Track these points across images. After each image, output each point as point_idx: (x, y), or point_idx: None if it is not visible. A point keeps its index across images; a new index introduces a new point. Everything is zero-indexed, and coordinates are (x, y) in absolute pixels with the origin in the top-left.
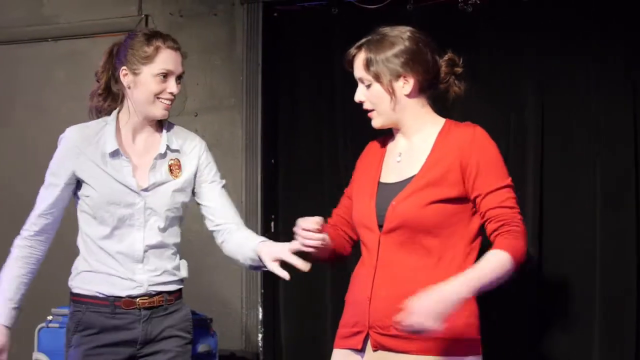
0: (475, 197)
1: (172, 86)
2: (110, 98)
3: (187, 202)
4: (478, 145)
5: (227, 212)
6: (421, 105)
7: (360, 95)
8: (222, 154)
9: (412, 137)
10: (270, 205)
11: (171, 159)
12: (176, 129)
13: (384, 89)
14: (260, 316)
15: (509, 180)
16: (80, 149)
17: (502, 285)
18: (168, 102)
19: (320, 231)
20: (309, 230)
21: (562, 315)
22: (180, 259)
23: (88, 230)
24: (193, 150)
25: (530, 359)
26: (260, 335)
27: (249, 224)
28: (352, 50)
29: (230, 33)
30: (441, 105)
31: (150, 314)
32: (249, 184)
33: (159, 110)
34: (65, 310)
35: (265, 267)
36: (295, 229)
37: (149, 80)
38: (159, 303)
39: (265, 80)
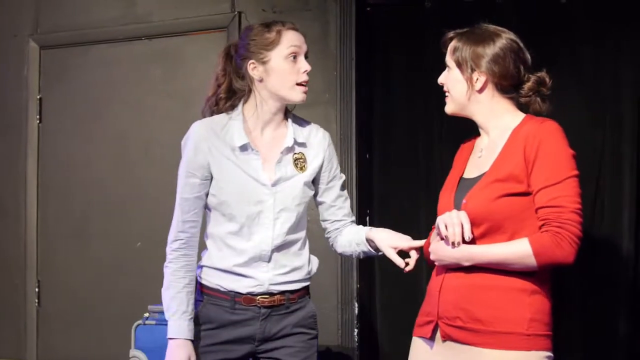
0: (532, 193)
1: (304, 64)
2: (232, 99)
3: (311, 197)
4: (539, 139)
5: (343, 211)
6: (494, 102)
7: (442, 77)
8: None
9: (491, 133)
10: (365, 200)
11: (296, 153)
12: (301, 121)
13: (462, 78)
14: (357, 311)
15: (568, 174)
16: (211, 142)
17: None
18: (305, 85)
19: None
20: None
21: None
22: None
23: (215, 227)
24: (319, 144)
25: None
26: (356, 331)
27: None
28: (450, 34)
29: (324, 28)
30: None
31: (270, 312)
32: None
33: (298, 95)
34: (161, 307)
35: (375, 253)
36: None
37: (281, 63)
38: (280, 302)
39: (359, 75)
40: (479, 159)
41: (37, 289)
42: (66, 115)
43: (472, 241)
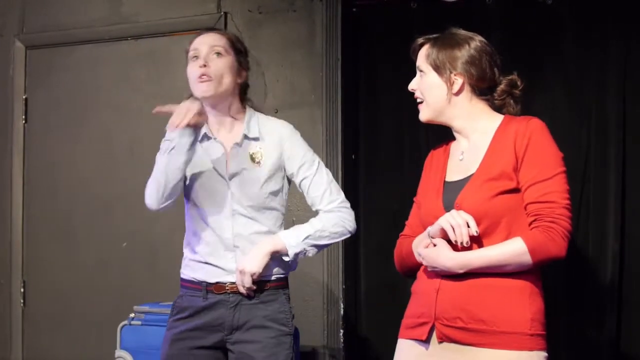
0: (522, 189)
1: (202, 57)
2: None
3: (280, 189)
4: (528, 135)
5: (314, 200)
6: (472, 105)
7: (414, 83)
8: None
9: (471, 136)
10: (351, 201)
11: (253, 147)
12: (260, 117)
13: (439, 81)
14: (342, 312)
15: (557, 170)
16: None
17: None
18: (204, 78)
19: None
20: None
21: None
22: None
23: (187, 216)
24: (275, 138)
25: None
26: (342, 332)
27: None
28: (420, 40)
29: (310, 29)
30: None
31: (240, 300)
32: None
33: (198, 91)
34: (147, 308)
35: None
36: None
37: (188, 68)
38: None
39: (345, 76)
40: (461, 162)
41: (22, 290)
42: (52, 115)
43: (475, 240)
